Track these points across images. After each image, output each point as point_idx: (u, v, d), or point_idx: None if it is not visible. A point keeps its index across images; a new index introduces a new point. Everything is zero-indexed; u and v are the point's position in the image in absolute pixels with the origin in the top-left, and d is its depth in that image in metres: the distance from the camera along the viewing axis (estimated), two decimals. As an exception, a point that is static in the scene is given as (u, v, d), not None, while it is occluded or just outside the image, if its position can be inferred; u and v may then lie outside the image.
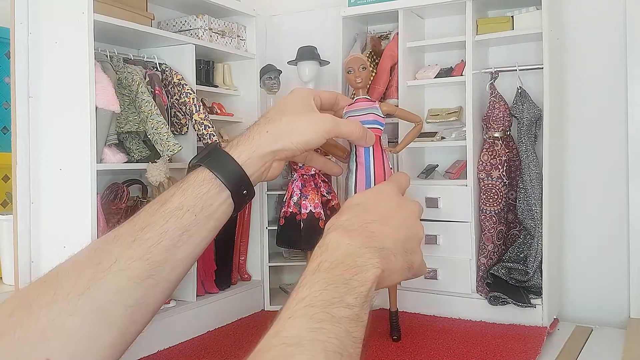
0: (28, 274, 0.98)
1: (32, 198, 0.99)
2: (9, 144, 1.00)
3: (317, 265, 0.56)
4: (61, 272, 0.59)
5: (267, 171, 0.73)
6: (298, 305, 0.50)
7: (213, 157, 0.68)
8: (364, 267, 0.56)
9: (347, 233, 0.60)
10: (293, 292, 0.53)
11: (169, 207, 0.63)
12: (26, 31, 0.99)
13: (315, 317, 0.49)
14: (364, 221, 0.63)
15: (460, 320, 1.19)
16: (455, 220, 1.22)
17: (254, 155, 0.69)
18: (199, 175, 0.67)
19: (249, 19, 1.39)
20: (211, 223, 0.66)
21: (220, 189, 0.66)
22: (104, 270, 0.58)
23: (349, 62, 0.99)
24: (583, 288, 1.30)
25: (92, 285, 0.57)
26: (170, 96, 1.18)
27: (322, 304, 0.50)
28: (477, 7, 1.25)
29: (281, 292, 1.47)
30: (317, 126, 0.72)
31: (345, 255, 0.57)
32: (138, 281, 0.59)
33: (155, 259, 0.61)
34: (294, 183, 1.22)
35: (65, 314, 0.55)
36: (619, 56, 1.25)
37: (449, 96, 1.37)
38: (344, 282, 0.53)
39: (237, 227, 1.32)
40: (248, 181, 0.69)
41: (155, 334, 1.04)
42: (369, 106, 0.95)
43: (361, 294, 0.54)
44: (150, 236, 0.61)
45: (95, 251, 0.61)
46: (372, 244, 0.60)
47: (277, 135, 0.70)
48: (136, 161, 1.12)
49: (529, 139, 1.21)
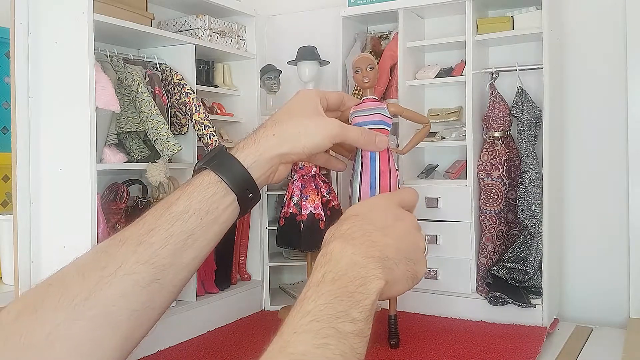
0: (28, 274, 0.98)
1: (32, 198, 0.99)
2: (9, 144, 1.00)
3: (321, 277, 0.55)
4: (66, 275, 0.58)
5: (274, 174, 0.72)
6: (303, 320, 0.50)
7: (219, 160, 0.67)
8: (368, 279, 0.56)
9: (350, 242, 0.60)
10: (297, 303, 0.53)
11: (174, 210, 0.63)
12: (26, 31, 0.99)
13: (321, 332, 0.49)
14: (365, 230, 0.62)
15: (460, 320, 1.19)
16: (455, 220, 1.22)
17: (261, 159, 0.69)
18: (204, 179, 0.66)
19: (249, 19, 1.39)
20: (216, 227, 0.66)
21: (226, 192, 0.66)
22: (109, 274, 0.58)
23: (357, 62, 0.98)
24: (583, 288, 1.30)
25: (97, 290, 0.56)
26: (170, 96, 1.18)
27: (328, 319, 0.50)
28: (477, 7, 1.25)
29: (281, 292, 1.47)
30: (325, 131, 0.72)
31: (349, 266, 0.56)
32: (144, 285, 0.59)
33: (161, 263, 0.60)
34: (294, 183, 1.22)
35: (71, 319, 0.55)
36: (619, 56, 1.25)
37: (449, 96, 1.37)
38: (348, 294, 0.53)
39: (237, 227, 1.32)
40: (254, 184, 0.69)
41: (155, 334, 1.03)
42: (376, 106, 0.95)
43: (365, 308, 0.53)
44: (156, 240, 0.61)
45: (101, 254, 0.60)
46: (375, 253, 0.59)
47: (284, 139, 0.70)
48: (136, 161, 1.12)
49: (529, 139, 1.21)
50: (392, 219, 0.67)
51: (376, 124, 0.92)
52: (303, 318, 0.50)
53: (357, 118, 0.93)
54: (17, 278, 0.98)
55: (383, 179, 0.93)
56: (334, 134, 0.73)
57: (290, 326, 0.50)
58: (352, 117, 0.93)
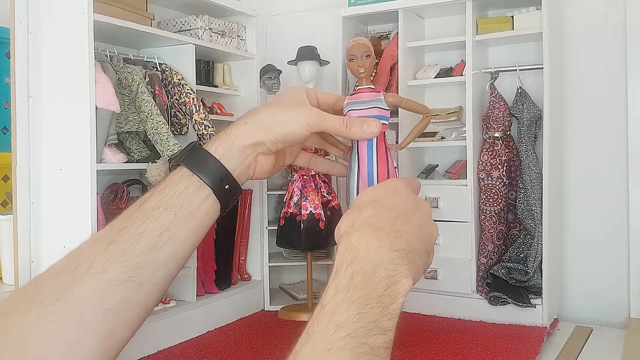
0: (28, 274, 0.98)
1: (32, 198, 0.99)
2: (9, 144, 1.00)
3: (350, 278, 0.52)
4: (39, 279, 0.58)
5: (254, 166, 0.69)
6: (337, 334, 0.48)
7: (189, 154, 0.66)
8: (395, 277, 0.54)
9: (375, 233, 0.56)
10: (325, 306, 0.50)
11: (146, 207, 0.62)
12: (26, 31, 0.99)
13: (357, 350, 0.47)
14: (389, 219, 0.58)
15: (460, 320, 1.19)
16: (455, 220, 1.22)
17: (232, 148, 0.66)
18: (176, 174, 0.65)
19: (249, 19, 1.39)
20: (194, 222, 0.64)
21: (199, 186, 0.64)
22: (80, 274, 0.57)
23: (351, 49, 0.90)
24: (583, 288, 1.30)
25: (69, 290, 0.56)
26: (170, 96, 1.18)
27: (362, 333, 0.48)
28: (477, 7, 1.25)
29: (281, 292, 1.47)
30: (300, 119, 0.69)
31: (377, 263, 0.54)
32: (116, 284, 0.58)
33: (134, 260, 0.59)
34: (294, 183, 1.22)
35: (44, 320, 0.54)
36: (619, 56, 1.25)
37: (449, 96, 1.37)
38: (377, 299, 0.51)
39: (237, 227, 1.32)
40: (229, 175, 0.66)
41: (155, 334, 1.04)
42: (373, 98, 0.87)
43: (394, 314, 0.52)
44: (127, 237, 0.60)
45: (73, 256, 0.60)
46: (401, 245, 0.56)
47: (256, 128, 0.68)
48: (136, 161, 1.12)
49: (529, 139, 1.21)
50: (413, 205, 0.63)
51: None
52: (337, 332, 0.48)
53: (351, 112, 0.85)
54: (17, 278, 0.98)
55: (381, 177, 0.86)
56: (311, 122, 0.69)
57: (324, 340, 0.48)
58: (347, 109, 0.86)
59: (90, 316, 0.56)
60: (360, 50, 0.90)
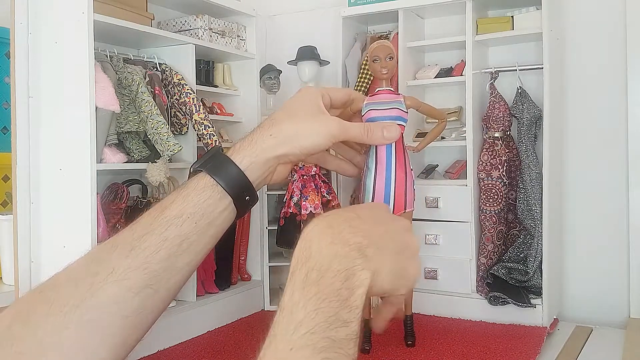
0: (28, 274, 0.98)
1: (32, 198, 0.99)
2: (9, 144, 1.00)
3: (305, 276, 0.53)
4: (58, 282, 0.58)
5: (272, 175, 0.70)
6: (297, 333, 0.48)
7: (214, 163, 0.66)
8: (351, 270, 0.53)
9: (328, 230, 0.56)
10: (285, 308, 0.51)
11: (168, 214, 0.62)
12: (26, 31, 0.99)
13: (318, 346, 0.47)
14: (346, 218, 0.58)
15: (460, 320, 1.19)
16: (455, 220, 1.22)
17: (257, 160, 0.67)
18: (200, 182, 0.65)
19: (249, 19, 1.39)
20: (212, 230, 0.65)
21: (221, 196, 0.65)
22: (100, 280, 0.57)
23: (375, 50, 0.91)
24: (583, 288, 1.30)
25: (88, 297, 0.55)
26: (170, 96, 1.18)
27: (322, 328, 0.48)
28: (477, 7, 1.25)
29: (281, 292, 1.46)
30: (324, 130, 0.69)
31: (331, 258, 0.53)
32: (136, 291, 0.58)
33: (153, 268, 0.59)
34: (294, 183, 1.22)
35: (62, 326, 0.54)
36: (619, 56, 1.25)
37: (449, 96, 1.37)
38: (335, 293, 0.51)
39: (237, 227, 1.32)
40: (250, 187, 0.67)
41: (155, 334, 1.04)
42: (393, 99, 0.88)
43: (354, 306, 0.51)
44: (148, 245, 0.60)
45: (93, 260, 0.60)
46: (355, 239, 0.55)
47: (281, 140, 0.68)
48: (136, 161, 1.12)
49: (529, 139, 1.21)
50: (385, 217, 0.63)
51: (393, 120, 0.87)
52: (297, 330, 0.48)
53: (372, 112, 0.87)
54: (17, 278, 0.99)
55: (399, 178, 0.87)
56: (334, 133, 0.70)
57: (284, 340, 0.48)
58: (366, 110, 0.87)
59: (108, 323, 0.56)
60: (384, 52, 0.91)
